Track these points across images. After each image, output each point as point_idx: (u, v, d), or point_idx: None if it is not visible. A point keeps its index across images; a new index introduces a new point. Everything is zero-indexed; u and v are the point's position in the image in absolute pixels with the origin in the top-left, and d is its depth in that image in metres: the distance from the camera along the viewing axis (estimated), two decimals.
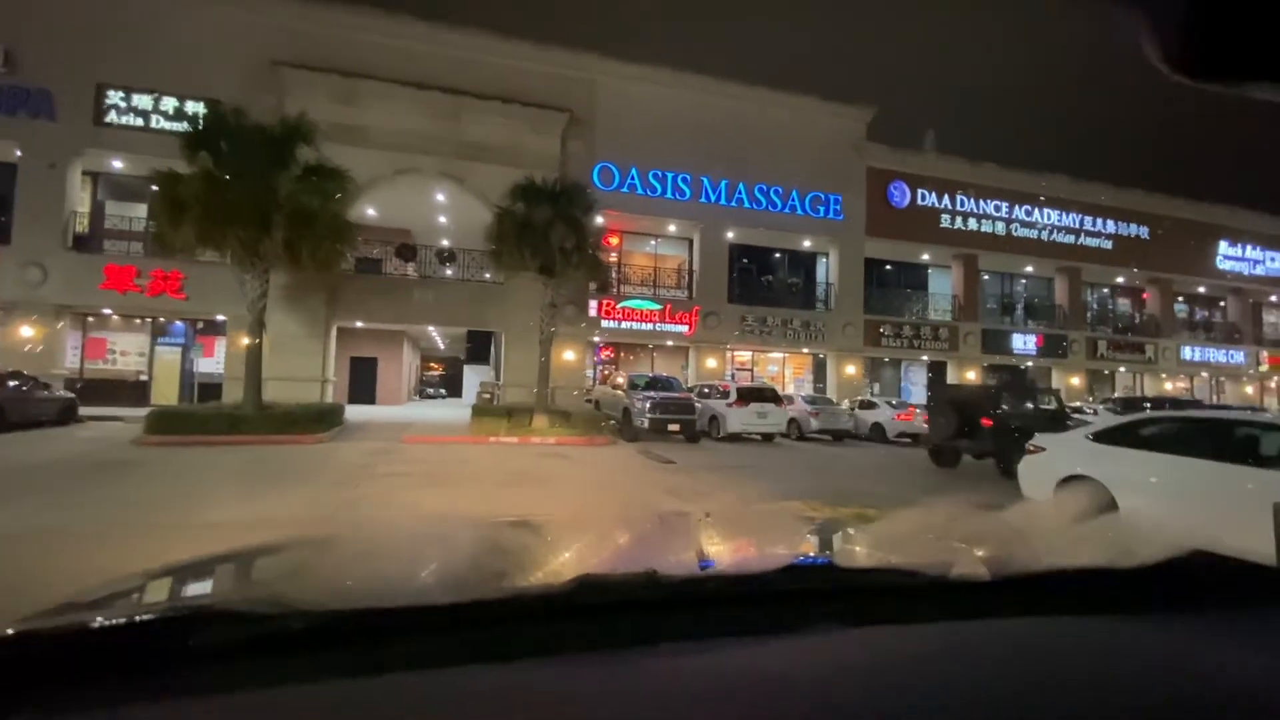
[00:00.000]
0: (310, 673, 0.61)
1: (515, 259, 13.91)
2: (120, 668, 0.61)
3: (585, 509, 1.95)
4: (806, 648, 0.74)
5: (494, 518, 1.87)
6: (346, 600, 0.78)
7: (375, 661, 0.63)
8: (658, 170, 19.59)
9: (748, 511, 1.93)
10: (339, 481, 7.93)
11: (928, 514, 1.29)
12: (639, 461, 10.90)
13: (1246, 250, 28.69)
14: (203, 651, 0.63)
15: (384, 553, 1.26)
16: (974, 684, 0.67)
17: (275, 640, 0.65)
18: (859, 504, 3.54)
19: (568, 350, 18.36)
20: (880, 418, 16.88)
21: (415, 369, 34.85)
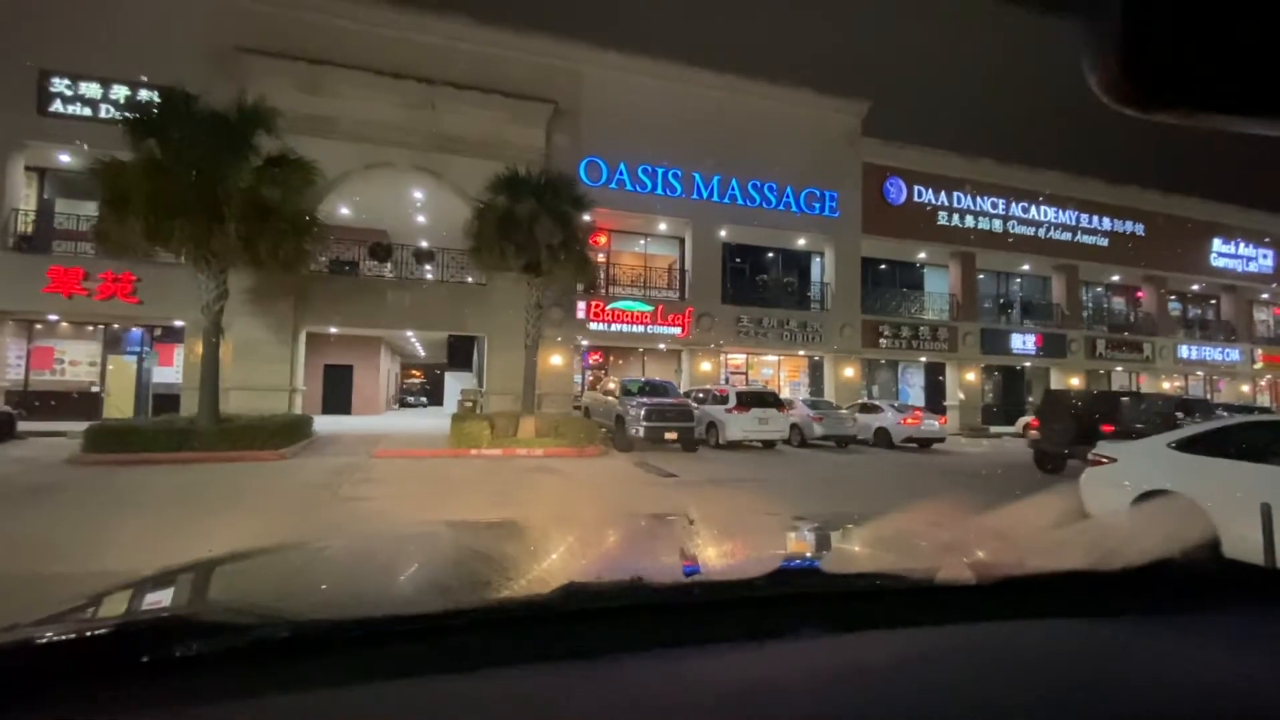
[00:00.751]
0: (295, 682, 0.61)
1: (497, 257, 12.88)
2: (101, 677, 0.61)
3: (571, 513, 2.79)
4: (793, 653, 0.74)
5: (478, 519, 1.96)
6: (331, 608, 0.81)
7: (361, 670, 0.63)
8: (647, 165, 18.69)
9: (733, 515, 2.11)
10: (291, 509, 6.86)
11: (912, 518, 1.37)
12: (636, 476, 9.90)
13: (1239, 247, 28.47)
14: (185, 661, 0.63)
15: (370, 560, 1.32)
16: (961, 688, 0.67)
17: (259, 649, 0.65)
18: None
19: (555, 355, 17.33)
20: (885, 422, 16.05)
21: (395, 377, 33.53)
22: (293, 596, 1.02)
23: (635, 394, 13.75)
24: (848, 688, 0.66)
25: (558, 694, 0.63)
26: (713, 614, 0.82)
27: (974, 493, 9.11)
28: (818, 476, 10.58)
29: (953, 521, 1.30)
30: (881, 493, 9.17)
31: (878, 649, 0.76)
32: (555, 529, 1.70)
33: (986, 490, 9.21)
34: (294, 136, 13.33)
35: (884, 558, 1.18)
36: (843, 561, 1.26)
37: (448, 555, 1.30)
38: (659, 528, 1.68)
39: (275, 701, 0.59)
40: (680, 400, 13.57)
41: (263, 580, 1.21)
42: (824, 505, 7.63)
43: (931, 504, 1.43)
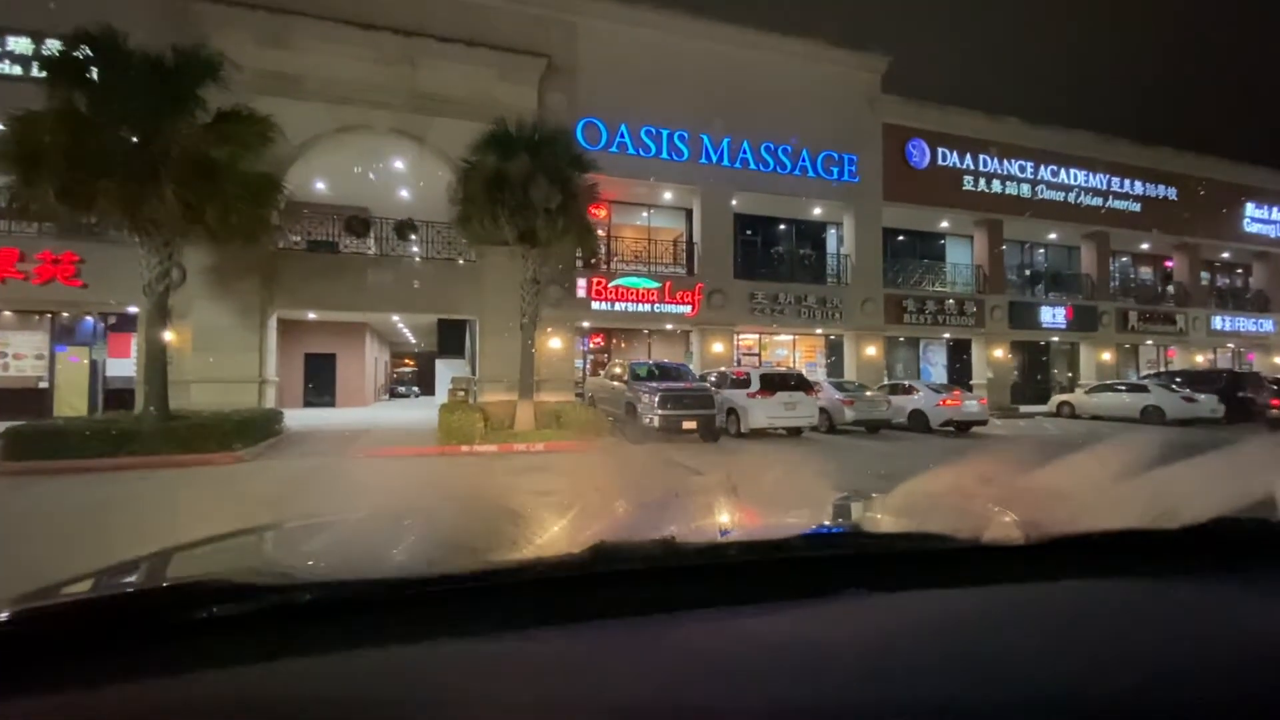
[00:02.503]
0: (322, 644, 0.60)
1: (487, 225, 11.24)
2: (123, 641, 0.61)
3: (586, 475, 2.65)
4: (835, 613, 0.73)
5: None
6: (359, 572, 0.77)
7: (387, 632, 0.63)
8: (650, 127, 16.96)
9: (773, 480, 1.96)
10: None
11: (959, 475, 1.28)
12: (661, 474, 8.38)
13: (1272, 212, 26.91)
14: (212, 624, 0.62)
15: (398, 526, 1.30)
16: (1007, 649, 0.66)
17: (285, 612, 0.65)
18: None
19: (554, 337, 15.74)
20: (920, 404, 14.56)
21: (385, 366, 31.89)
22: (321, 562, 1.03)
23: (645, 379, 12.20)
24: (892, 647, 0.64)
25: (589, 654, 0.62)
26: (749, 574, 0.80)
27: None
28: (874, 469, 9.07)
29: (1002, 478, 1.29)
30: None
31: (922, 609, 0.74)
32: (588, 494, 1.79)
33: None
34: (255, 96, 11.68)
35: (929, 518, 1.12)
36: (884, 523, 1.24)
37: (477, 519, 1.32)
38: (694, 491, 1.62)
39: (302, 663, 0.58)
40: (699, 385, 12.03)
41: (291, 548, 1.20)
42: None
43: (978, 460, 1.31)
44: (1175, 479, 1.05)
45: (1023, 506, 1.06)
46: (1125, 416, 17.98)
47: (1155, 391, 17.82)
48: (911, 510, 1.32)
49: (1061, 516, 0.98)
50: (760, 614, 0.70)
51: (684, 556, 0.78)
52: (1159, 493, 1.02)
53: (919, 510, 1.27)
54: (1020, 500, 1.13)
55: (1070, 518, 0.97)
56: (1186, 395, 17.23)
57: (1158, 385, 18.12)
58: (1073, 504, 1.08)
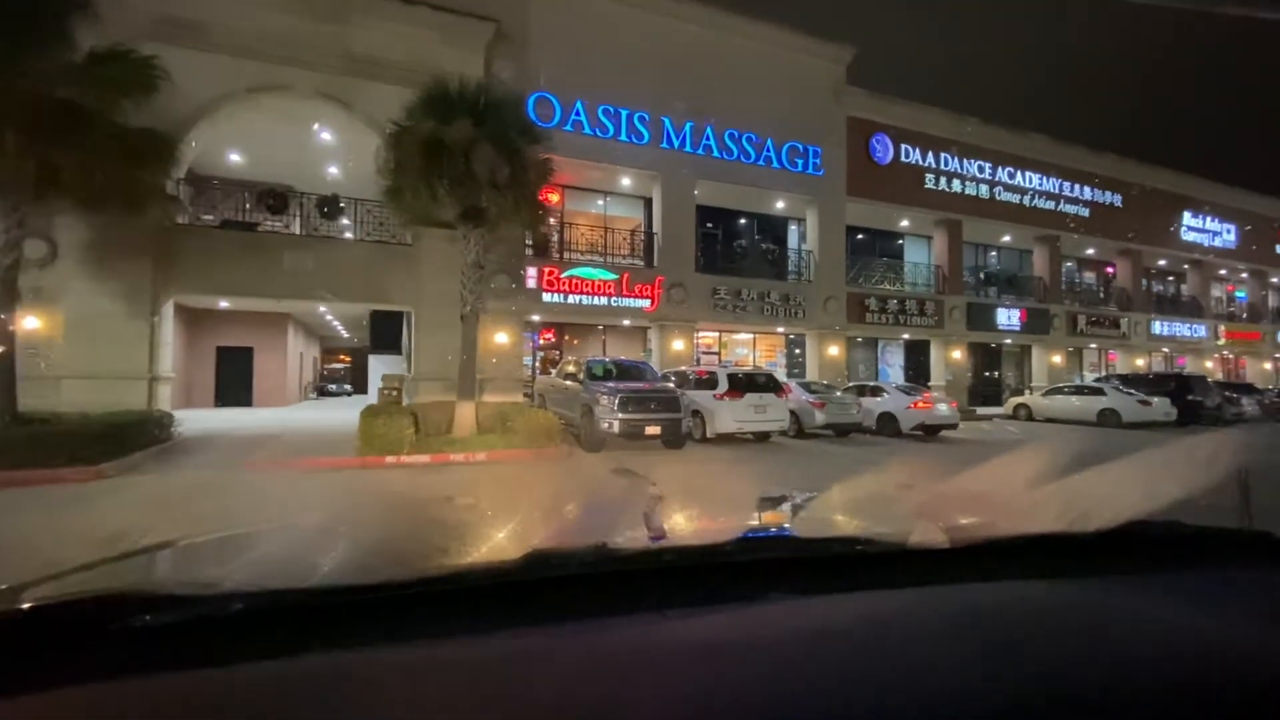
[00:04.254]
0: (253, 652, 0.60)
1: (422, 199, 9.73)
2: (56, 649, 0.60)
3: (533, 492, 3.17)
4: (761, 616, 0.73)
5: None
6: (289, 581, 0.78)
7: (319, 641, 0.62)
8: (609, 106, 15.68)
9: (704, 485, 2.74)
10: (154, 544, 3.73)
11: (882, 481, 2.42)
12: (623, 490, 7.14)
13: (1206, 222, 27.97)
14: (145, 632, 0.62)
15: (331, 535, 1.29)
16: (929, 649, 0.67)
17: (216, 622, 0.64)
18: None
19: (500, 331, 14.26)
20: (890, 406, 13.85)
21: (314, 362, 29.41)
22: (253, 571, 1.01)
23: (603, 378, 10.94)
24: (815, 649, 0.65)
25: (519, 660, 0.62)
26: (679, 580, 0.80)
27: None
28: (867, 479, 8.10)
29: (926, 484, 1.95)
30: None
31: (847, 611, 0.75)
32: (520, 502, 1.82)
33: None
34: (147, 43, 9.76)
35: (857, 523, 1.15)
36: (815, 527, 1.21)
37: (409, 527, 1.29)
38: (625, 497, 1.82)
39: (236, 671, 0.57)
40: (663, 386, 10.84)
41: (224, 557, 1.18)
42: None
43: (903, 466, 1.02)
44: (1089, 484, 1.39)
45: (946, 511, 1.14)
46: (1082, 419, 17.92)
47: (1111, 395, 17.80)
48: (842, 515, 1.33)
49: (983, 520, 1.06)
50: (690, 617, 0.71)
51: (616, 561, 0.78)
52: (1073, 498, 1.11)
53: (849, 515, 1.31)
54: (943, 505, 1.20)
55: (991, 522, 1.04)
56: (1141, 399, 17.26)
57: (1113, 388, 18.12)
58: (993, 508, 1.16)
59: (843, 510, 1.41)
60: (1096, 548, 0.89)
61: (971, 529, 1.01)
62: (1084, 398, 18.51)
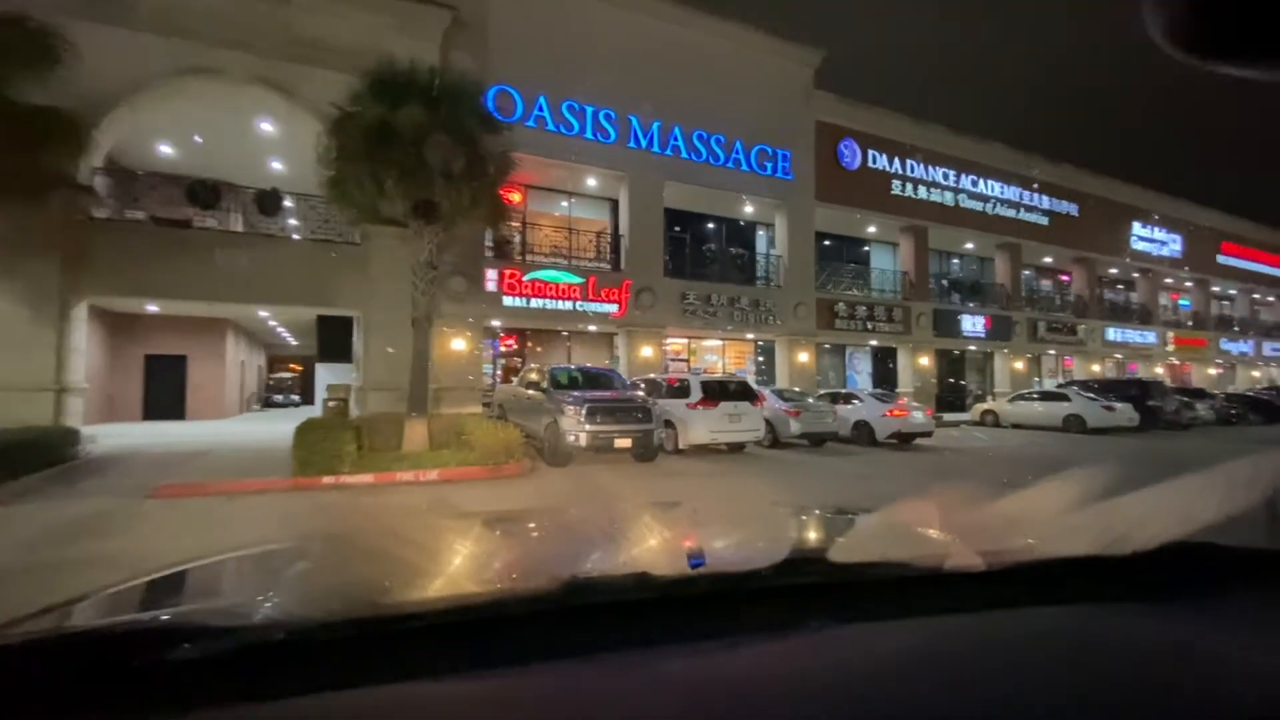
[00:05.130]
0: (295, 683, 0.59)
1: (368, 191, 8.84)
2: (88, 681, 0.58)
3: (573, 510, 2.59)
4: (801, 645, 0.73)
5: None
6: (329, 609, 0.76)
7: (357, 671, 0.61)
8: (573, 102, 15.00)
9: (739, 506, 2.24)
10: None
11: (921, 506, 1.31)
12: (619, 511, 6.39)
13: (1154, 232, 28.88)
14: (178, 665, 0.60)
15: (366, 557, 1.25)
16: (972, 677, 0.67)
17: (254, 652, 0.62)
18: None
19: (457, 337, 13.36)
20: (865, 414, 13.46)
21: (259, 371, 27.70)
22: (289, 597, 1.00)
23: (569, 387, 10.17)
24: (856, 679, 0.65)
25: (562, 691, 0.61)
26: (719, 607, 0.80)
27: None
28: (858, 492, 7.55)
29: (962, 508, 1.33)
30: None
31: (887, 639, 0.76)
32: (558, 523, 1.71)
33: None
34: (64, 19, 8.64)
35: (892, 546, 1.16)
36: (850, 551, 1.18)
37: (447, 551, 1.27)
38: (664, 520, 1.65)
39: (272, 706, 0.56)
40: (634, 395, 10.13)
41: (256, 581, 1.15)
42: None
43: (941, 490, 1.34)
44: (1126, 507, 1.03)
45: (983, 536, 1.10)
46: (1047, 425, 17.96)
47: (1076, 400, 17.90)
48: (878, 538, 1.31)
49: (1020, 545, 1.03)
50: (728, 647, 0.71)
51: (656, 589, 0.77)
52: (1111, 520, 1.03)
53: (885, 538, 1.29)
54: (980, 529, 1.17)
55: (1028, 546, 1.02)
56: (1105, 404, 17.39)
57: (1077, 394, 18.23)
58: (1030, 532, 1.12)
59: (877, 531, 1.39)
60: (1134, 571, 0.88)
61: (1008, 552, 0.98)
62: (1049, 403, 18.59)
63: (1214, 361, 31.57)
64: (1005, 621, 0.81)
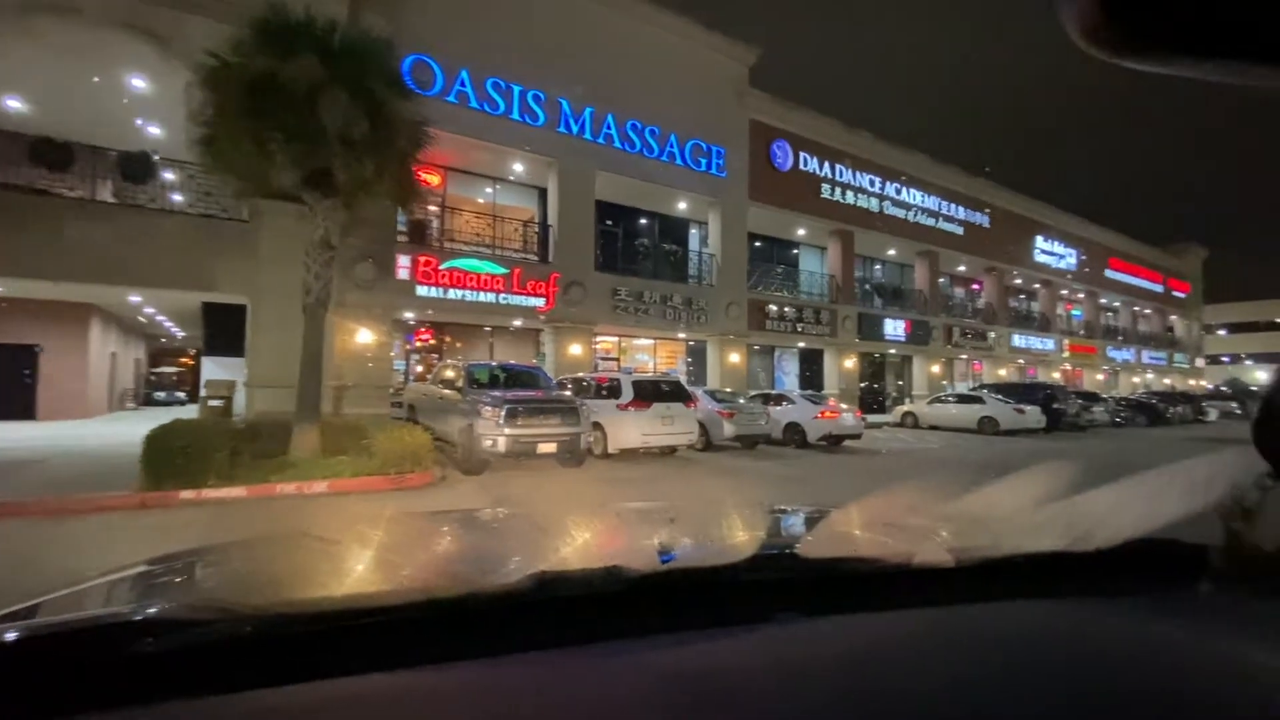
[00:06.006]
0: (264, 675, 0.58)
1: (249, 154, 7.55)
2: (63, 677, 0.58)
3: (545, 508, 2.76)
4: (770, 638, 0.74)
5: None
6: (297, 603, 0.76)
7: (327, 664, 0.61)
8: (499, 79, 13.96)
9: (709, 504, 2.13)
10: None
11: (889, 502, 1.41)
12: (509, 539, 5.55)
13: (1054, 245, 30.87)
14: (146, 658, 0.60)
15: (336, 555, 1.24)
16: (936, 669, 0.67)
17: (221, 645, 0.62)
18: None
19: (363, 330, 12.04)
20: (797, 416, 13.24)
21: (135, 364, 24.69)
22: (258, 591, 0.99)
23: (488, 385, 9.23)
24: (825, 671, 0.66)
25: (530, 684, 0.61)
26: (689, 601, 0.81)
27: None
28: (803, 498, 7.08)
29: (930, 505, 1.35)
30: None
31: (854, 632, 0.76)
32: (528, 520, 1.71)
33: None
34: None
35: (862, 542, 1.19)
36: (820, 547, 1.24)
37: (417, 547, 1.28)
38: (635, 517, 1.69)
39: (241, 698, 0.56)
40: (559, 395, 9.31)
41: (226, 576, 1.14)
42: None
43: (908, 487, 1.52)
44: (1089, 504, 1.05)
45: (950, 532, 1.14)
46: (963, 427, 18.55)
47: (990, 403, 18.58)
48: (847, 534, 1.34)
49: (986, 541, 1.06)
50: (696, 641, 0.70)
51: (625, 583, 0.77)
52: (1076, 517, 1.03)
53: (855, 534, 1.31)
54: (948, 525, 1.20)
55: (994, 542, 1.04)
56: (1016, 407, 18.13)
57: (991, 397, 18.94)
58: (996, 528, 1.14)
59: (847, 528, 1.38)
60: (1098, 567, 0.90)
61: (975, 549, 0.98)
62: (965, 406, 19.23)
63: (1101, 367, 34.21)
64: (973, 615, 0.82)
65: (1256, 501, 0.83)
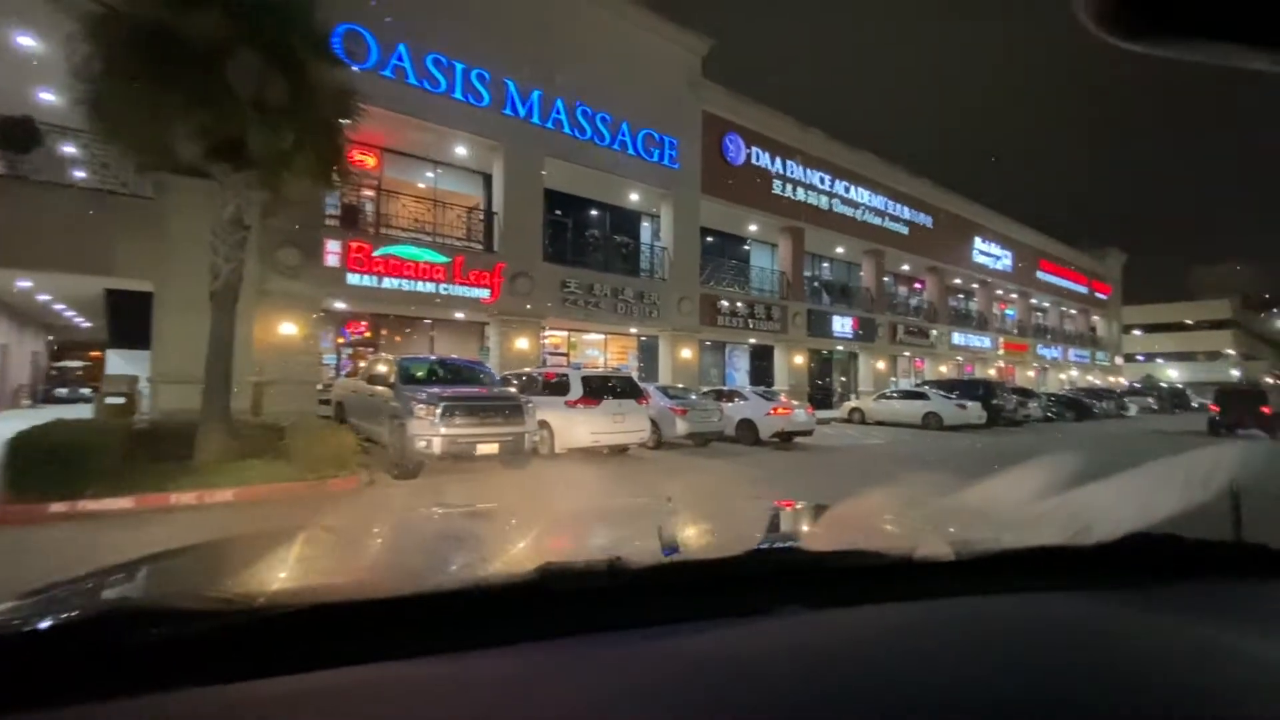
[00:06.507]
0: (266, 665, 0.58)
1: (143, 117, 6.61)
2: (57, 669, 0.58)
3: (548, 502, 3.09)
4: (772, 630, 0.73)
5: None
6: (303, 595, 0.75)
7: (330, 655, 0.60)
8: (440, 55, 13.11)
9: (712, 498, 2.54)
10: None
11: (890, 497, 1.48)
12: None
13: (992, 247, 31.99)
14: (147, 648, 0.59)
15: (341, 546, 1.25)
16: (937, 661, 0.67)
17: (225, 636, 0.62)
18: None
19: (286, 321, 11.06)
20: (749, 413, 13.00)
21: (34, 358, 22.42)
22: (262, 584, 0.98)
23: (424, 381, 8.52)
24: (825, 663, 0.66)
25: (534, 673, 0.61)
26: (692, 593, 0.79)
27: None
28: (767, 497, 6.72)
29: (931, 499, 1.49)
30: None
31: (856, 625, 0.76)
32: (532, 514, 1.71)
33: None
34: None
35: (863, 536, 1.17)
36: (822, 540, 1.22)
37: (421, 540, 1.28)
38: (638, 510, 1.73)
39: (241, 688, 0.56)
40: (503, 391, 8.69)
41: (231, 568, 1.13)
42: None
43: (909, 482, 1.01)
44: (1088, 499, 1.09)
45: (951, 526, 1.14)
46: (908, 422, 18.83)
47: (934, 399, 18.94)
48: (849, 528, 1.32)
49: (987, 535, 1.04)
50: (698, 632, 0.70)
51: (629, 576, 0.76)
52: (1075, 512, 1.05)
53: (856, 528, 1.29)
54: (949, 520, 1.20)
55: (995, 536, 1.01)
56: (959, 403, 18.53)
57: (935, 393, 19.31)
58: (997, 522, 1.13)
59: (849, 522, 1.41)
60: (1098, 560, 0.89)
61: (976, 542, 0.97)
62: (909, 402, 19.55)
63: (1032, 365, 35.77)
64: (975, 607, 0.81)
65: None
